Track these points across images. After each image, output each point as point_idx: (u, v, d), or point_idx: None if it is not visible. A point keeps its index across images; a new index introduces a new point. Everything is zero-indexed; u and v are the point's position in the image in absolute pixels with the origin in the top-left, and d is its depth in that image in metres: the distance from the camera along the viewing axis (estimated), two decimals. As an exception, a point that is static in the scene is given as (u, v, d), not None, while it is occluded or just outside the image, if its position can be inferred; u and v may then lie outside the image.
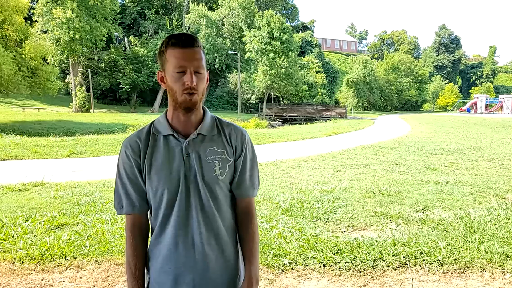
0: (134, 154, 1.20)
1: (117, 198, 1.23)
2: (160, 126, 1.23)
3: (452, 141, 13.48)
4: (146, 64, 38.88)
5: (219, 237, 1.24)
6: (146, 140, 1.21)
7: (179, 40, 1.15)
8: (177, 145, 1.20)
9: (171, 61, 1.15)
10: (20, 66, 19.49)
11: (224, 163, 1.24)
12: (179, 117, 1.22)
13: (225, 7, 39.20)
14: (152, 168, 1.19)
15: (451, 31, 78.76)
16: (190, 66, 1.15)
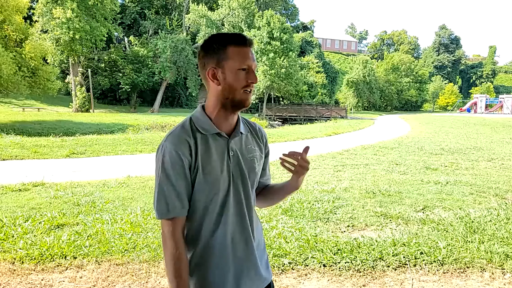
0: (186, 153, 1.14)
1: (163, 201, 1.14)
2: (203, 124, 1.19)
3: (452, 141, 13.48)
4: (146, 64, 38.85)
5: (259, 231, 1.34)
6: (194, 139, 1.16)
7: (243, 38, 1.17)
8: (224, 144, 1.20)
9: (235, 58, 1.15)
10: (20, 66, 19.49)
11: (259, 160, 1.31)
12: (226, 116, 1.21)
13: (225, 7, 39.19)
14: (206, 168, 1.16)
15: (451, 31, 78.75)
16: (252, 64, 1.18)
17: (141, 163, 8.75)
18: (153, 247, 3.45)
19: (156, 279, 2.98)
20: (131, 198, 5.32)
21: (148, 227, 3.98)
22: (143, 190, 5.84)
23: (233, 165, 1.21)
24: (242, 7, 38.03)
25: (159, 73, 37.22)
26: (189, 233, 1.21)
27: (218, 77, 1.17)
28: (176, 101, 44.81)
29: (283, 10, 59.54)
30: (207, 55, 1.19)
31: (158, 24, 43.23)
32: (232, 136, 1.22)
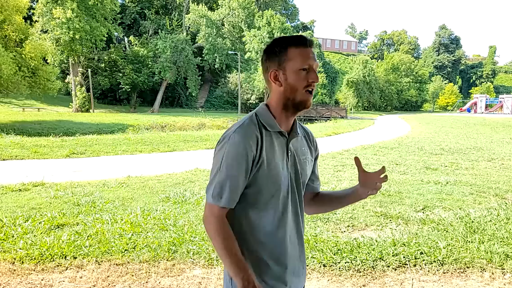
0: (253, 146, 1.15)
1: (218, 188, 1.16)
2: (270, 121, 1.21)
3: (452, 141, 13.48)
4: (146, 64, 38.86)
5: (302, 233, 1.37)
6: (260, 134, 1.18)
7: (303, 39, 1.19)
8: (284, 143, 1.23)
9: (295, 59, 1.17)
10: (20, 66, 19.51)
11: (310, 163, 1.34)
12: (287, 116, 1.23)
13: (225, 7, 39.20)
14: (271, 163, 1.18)
15: (451, 31, 78.74)
16: (313, 64, 1.19)
17: (141, 163, 8.75)
18: (153, 247, 3.45)
19: (156, 279, 2.98)
20: (131, 198, 5.32)
21: (148, 227, 3.98)
22: (143, 190, 5.84)
23: (290, 164, 1.24)
24: (242, 7, 38.04)
25: (159, 73, 37.23)
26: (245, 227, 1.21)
27: (280, 79, 1.19)
28: (176, 101, 44.81)
29: (283, 10, 59.53)
30: (269, 58, 1.22)
31: (158, 24, 43.25)
32: (291, 136, 1.25)
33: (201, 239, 3.64)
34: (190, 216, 4.39)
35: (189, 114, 33.45)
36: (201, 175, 7.13)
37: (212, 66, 40.48)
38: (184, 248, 3.43)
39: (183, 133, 15.85)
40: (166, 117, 28.29)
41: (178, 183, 6.38)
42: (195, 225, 4.04)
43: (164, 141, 12.48)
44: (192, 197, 5.27)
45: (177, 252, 3.37)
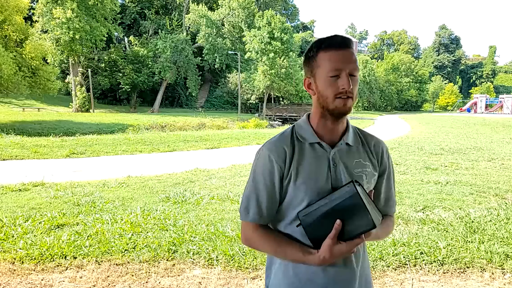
0: (279, 160, 1.10)
1: (245, 203, 1.14)
2: (304, 132, 1.14)
3: (452, 141, 13.48)
4: (146, 64, 38.85)
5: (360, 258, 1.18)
6: (292, 146, 1.12)
7: (333, 41, 1.06)
8: (324, 154, 1.12)
9: (324, 65, 1.06)
10: (21, 66, 19.52)
11: (370, 177, 1.15)
12: (327, 125, 1.13)
13: (225, 7, 39.19)
14: (299, 177, 1.09)
15: (451, 31, 78.80)
16: (346, 68, 1.05)
17: (141, 163, 8.76)
18: (153, 247, 3.45)
19: (156, 279, 2.98)
20: (131, 198, 5.32)
21: (148, 227, 3.98)
22: (143, 190, 5.84)
23: (333, 178, 1.10)
24: (242, 7, 38.03)
25: (159, 73, 37.23)
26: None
27: (312, 87, 1.12)
28: (176, 101, 44.82)
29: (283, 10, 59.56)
30: (304, 65, 1.15)
31: (158, 24, 43.25)
32: (336, 147, 1.12)
33: (201, 239, 3.64)
34: (190, 216, 4.39)
35: (189, 114, 33.45)
36: (201, 175, 7.13)
37: (212, 66, 40.47)
38: (184, 248, 3.43)
39: (183, 133, 15.85)
40: (166, 117, 28.28)
41: (178, 183, 6.38)
42: (195, 225, 4.04)
43: (164, 141, 12.49)
44: (192, 197, 5.27)
45: (177, 252, 3.37)
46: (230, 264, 3.19)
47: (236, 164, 8.35)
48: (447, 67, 75.21)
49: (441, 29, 78.64)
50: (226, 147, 12.12)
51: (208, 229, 3.90)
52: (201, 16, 38.02)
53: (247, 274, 3.05)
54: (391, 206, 1.23)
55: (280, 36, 33.82)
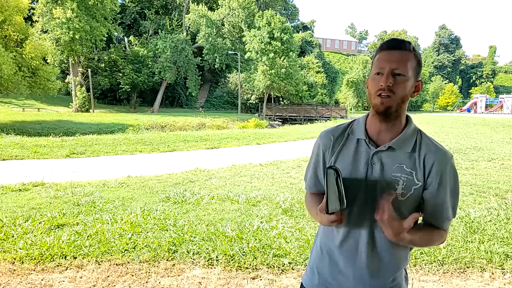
0: (324, 147, 1.26)
1: (305, 175, 1.39)
2: (357, 128, 1.22)
3: (452, 141, 13.48)
4: (146, 64, 38.83)
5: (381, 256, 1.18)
6: (340, 138, 1.23)
7: (387, 42, 1.14)
8: (366, 151, 1.17)
9: (374, 64, 1.15)
10: (21, 66, 19.52)
11: (409, 185, 1.13)
12: (375, 124, 1.18)
13: (225, 7, 39.16)
14: (337, 164, 1.19)
15: (451, 31, 78.76)
16: (388, 66, 1.10)
17: (141, 163, 8.75)
18: (153, 247, 3.44)
19: (156, 279, 2.98)
20: (131, 198, 5.32)
21: (148, 227, 3.98)
22: (143, 190, 5.84)
23: (369, 174, 1.15)
24: (242, 7, 38.01)
25: (159, 73, 37.21)
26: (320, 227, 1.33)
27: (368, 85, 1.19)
28: (176, 101, 44.81)
29: (283, 10, 59.53)
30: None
31: (158, 24, 43.22)
32: (379, 148, 1.16)
33: (201, 239, 3.64)
34: (190, 216, 4.39)
35: (189, 114, 33.45)
36: (201, 175, 7.13)
37: (212, 66, 40.44)
38: (184, 248, 3.43)
39: (183, 133, 15.85)
40: (166, 117, 28.28)
41: (178, 183, 6.38)
42: (195, 225, 4.04)
43: (164, 141, 12.48)
44: (192, 197, 5.27)
45: (177, 252, 3.37)
46: (230, 264, 3.19)
47: (236, 164, 8.35)
48: (447, 67, 75.19)
49: (441, 29, 78.63)
50: (226, 147, 12.12)
51: (208, 229, 3.90)
52: (201, 16, 38.00)
53: (247, 274, 3.05)
54: (441, 222, 1.19)
55: (280, 36, 33.80)
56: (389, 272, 1.20)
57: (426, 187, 1.15)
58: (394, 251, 1.18)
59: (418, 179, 1.14)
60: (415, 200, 1.15)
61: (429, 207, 1.17)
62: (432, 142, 1.20)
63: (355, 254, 1.18)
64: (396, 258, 1.19)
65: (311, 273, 1.32)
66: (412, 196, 1.14)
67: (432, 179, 1.14)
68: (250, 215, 4.41)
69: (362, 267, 1.18)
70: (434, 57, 76.75)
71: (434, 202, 1.16)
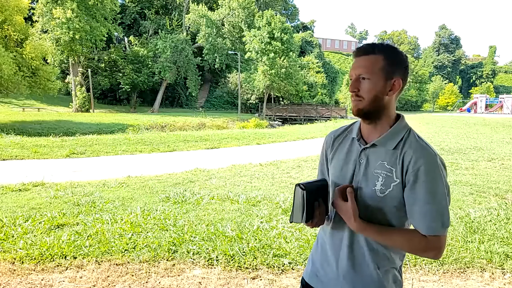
0: (326, 145, 1.39)
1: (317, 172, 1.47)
2: (354, 128, 1.32)
3: (452, 141, 13.48)
4: (146, 64, 38.83)
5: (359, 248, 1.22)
6: (339, 137, 1.35)
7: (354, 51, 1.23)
8: (357, 149, 1.26)
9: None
10: (21, 66, 19.51)
11: (388, 182, 1.16)
12: (364, 124, 1.28)
13: (225, 7, 39.16)
14: (333, 161, 1.32)
15: (451, 31, 78.76)
16: (354, 73, 1.20)
17: (141, 163, 8.75)
18: (153, 247, 3.44)
19: (156, 279, 2.98)
20: (131, 198, 5.32)
21: (148, 227, 3.98)
22: (143, 190, 5.84)
23: (358, 172, 1.23)
24: (242, 7, 38.00)
25: (159, 73, 37.22)
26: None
27: None
28: (176, 101, 44.81)
29: (283, 10, 59.53)
30: None
31: (158, 24, 43.22)
32: (368, 146, 1.23)
33: (201, 239, 3.64)
34: (190, 216, 4.39)
35: (189, 114, 33.45)
36: (201, 175, 7.13)
37: (212, 66, 40.44)
38: (184, 248, 3.43)
39: (183, 133, 15.85)
40: (166, 117, 28.29)
41: (178, 183, 6.38)
42: (195, 225, 4.04)
43: (164, 141, 12.48)
44: (192, 197, 5.27)
45: (177, 252, 3.37)
46: (230, 264, 3.19)
47: (236, 164, 8.35)
48: (447, 67, 75.18)
49: (441, 29, 78.63)
50: (226, 147, 12.12)
51: (208, 229, 3.90)
52: (201, 16, 38.00)
53: (247, 274, 3.05)
54: (421, 224, 1.13)
55: (280, 36, 33.80)
56: (368, 269, 1.21)
57: (405, 184, 1.15)
58: (371, 248, 1.21)
59: (397, 176, 1.15)
60: (395, 199, 1.15)
61: (408, 207, 1.15)
62: (417, 140, 1.18)
63: (339, 246, 1.26)
64: (374, 255, 1.20)
65: (308, 262, 1.43)
66: (391, 194, 1.15)
67: (409, 176, 1.13)
68: (250, 215, 4.41)
69: (344, 260, 1.24)
70: (434, 57, 76.74)
71: (410, 201, 1.14)
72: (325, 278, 1.30)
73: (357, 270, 1.23)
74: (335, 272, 1.26)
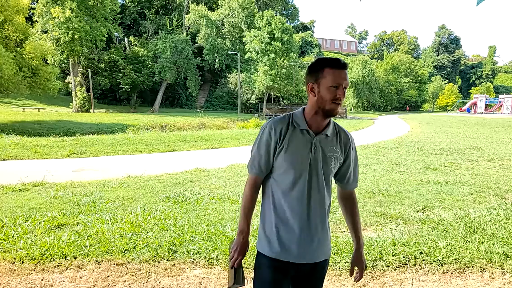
0: (276, 135, 1.54)
1: (251, 161, 1.61)
2: (299, 121, 1.55)
3: (452, 141, 13.49)
4: (146, 64, 38.82)
5: (325, 215, 1.60)
6: (287, 128, 1.55)
7: (338, 63, 1.48)
8: (309, 139, 1.54)
9: (329, 77, 1.48)
10: (21, 67, 19.49)
11: (337, 160, 1.59)
12: (317, 119, 1.55)
13: (225, 7, 39.14)
14: (288, 150, 1.52)
15: (450, 31, 78.83)
16: (344, 82, 1.48)
17: (141, 163, 8.75)
18: (153, 247, 3.45)
19: (156, 279, 2.98)
20: (131, 198, 5.32)
21: (148, 227, 3.98)
22: (143, 190, 5.84)
23: (313, 157, 1.53)
24: (242, 7, 37.98)
25: (159, 73, 37.21)
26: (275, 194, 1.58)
27: (314, 91, 1.52)
28: (176, 101, 44.80)
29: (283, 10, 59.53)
30: (309, 74, 1.55)
31: (158, 24, 43.21)
32: (318, 135, 1.54)
33: (201, 239, 3.64)
34: (190, 216, 4.39)
35: (189, 114, 33.44)
36: (201, 175, 7.13)
37: (212, 66, 40.43)
38: (184, 248, 3.44)
39: (183, 133, 15.85)
40: (166, 117, 28.28)
41: (178, 183, 6.38)
42: (195, 225, 4.05)
43: (164, 141, 12.49)
44: (192, 197, 5.27)
45: (177, 252, 3.37)
46: (230, 264, 3.19)
47: (236, 164, 8.35)
48: (447, 67, 75.19)
49: (441, 29, 78.63)
50: (226, 147, 12.12)
51: (208, 229, 3.90)
52: (201, 16, 37.99)
53: (247, 274, 3.05)
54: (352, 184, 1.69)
55: (280, 37, 33.79)
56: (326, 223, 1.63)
57: (345, 159, 1.63)
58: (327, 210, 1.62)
59: (341, 155, 1.60)
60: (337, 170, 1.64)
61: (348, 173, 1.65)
62: (342, 128, 1.64)
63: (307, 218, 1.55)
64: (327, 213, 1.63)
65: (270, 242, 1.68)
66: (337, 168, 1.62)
67: (347, 153, 1.63)
68: (250, 215, 4.40)
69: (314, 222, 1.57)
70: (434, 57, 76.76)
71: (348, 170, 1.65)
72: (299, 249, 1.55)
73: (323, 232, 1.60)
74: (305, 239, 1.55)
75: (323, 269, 1.66)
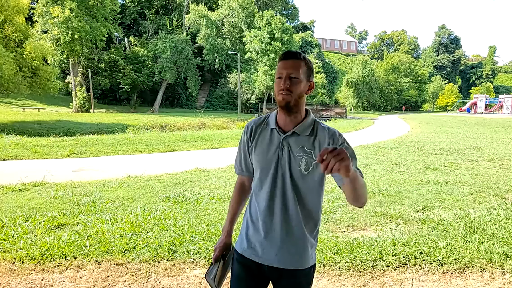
0: (248, 134, 1.57)
1: (235, 161, 1.68)
2: (270, 120, 1.54)
3: (452, 141, 13.49)
4: (146, 64, 38.81)
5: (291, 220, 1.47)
6: (259, 127, 1.56)
7: (284, 54, 1.45)
8: (278, 138, 1.49)
9: (276, 70, 1.46)
10: (21, 67, 19.48)
11: (309, 161, 1.45)
12: (283, 117, 1.49)
13: (225, 7, 39.14)
14: (257, 149, 1.53)
15: (450, 31, 78.83)
16: (285, 72, 1.42)
17: (141, 163, 8.75)
18: (153, 247, 3.45)
19: (156, 279, 2.98)
20: (131, 198, 5.32)
21: (148, 227, 3.98)
22: (143, 190, 5.84)
23: (281, 157, 1.47)
24: (242, 7, 37.98)
25: (159, 73, 37.21)
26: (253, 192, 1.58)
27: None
28: (176, 101, 44.81)
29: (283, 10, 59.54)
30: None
31: (158, 24, 43.22)
32: (286, 134, 1.47)
33: (201, 239, 3.64)
34: (190, 216, 4.39)
35: (189, 114, 33.43)
36: (201, 175, 7.13)
37: (212, 66, 40.42)
38: (184, 248, 3.44)
39: (183, 133, 15.85)
40: (166, 117, 28.28)
41: (178, 183, 6.38)
42: (195, 225, 4.05)
43: (164, 141, 12.48)
44: (192, 197, 5.27)
45: (177, 252, 3.37)
46: (230, 264, 3.19)
47: (236, 164, 8.34)
48: (447, 67, 75.20)
49: (441, 29, 78.63)
50: (226, 147, 12.12)
51: (208, 229, 3.90)
52: (201, 16, 37.97)
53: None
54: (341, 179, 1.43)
55: (280, 37, 33.78)
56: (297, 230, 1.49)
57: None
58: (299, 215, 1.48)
59: (315, 155, 1.44)
60: (317, 174, 1.46)
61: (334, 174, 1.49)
62: (324, 126, 1.50)
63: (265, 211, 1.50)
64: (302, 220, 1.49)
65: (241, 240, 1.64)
66: (313, 170, 1.45)
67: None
68: (250, 215, 4.40)
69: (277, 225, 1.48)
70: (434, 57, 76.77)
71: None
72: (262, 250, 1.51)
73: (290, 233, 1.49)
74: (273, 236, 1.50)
75: (295, 278, 1.48)
